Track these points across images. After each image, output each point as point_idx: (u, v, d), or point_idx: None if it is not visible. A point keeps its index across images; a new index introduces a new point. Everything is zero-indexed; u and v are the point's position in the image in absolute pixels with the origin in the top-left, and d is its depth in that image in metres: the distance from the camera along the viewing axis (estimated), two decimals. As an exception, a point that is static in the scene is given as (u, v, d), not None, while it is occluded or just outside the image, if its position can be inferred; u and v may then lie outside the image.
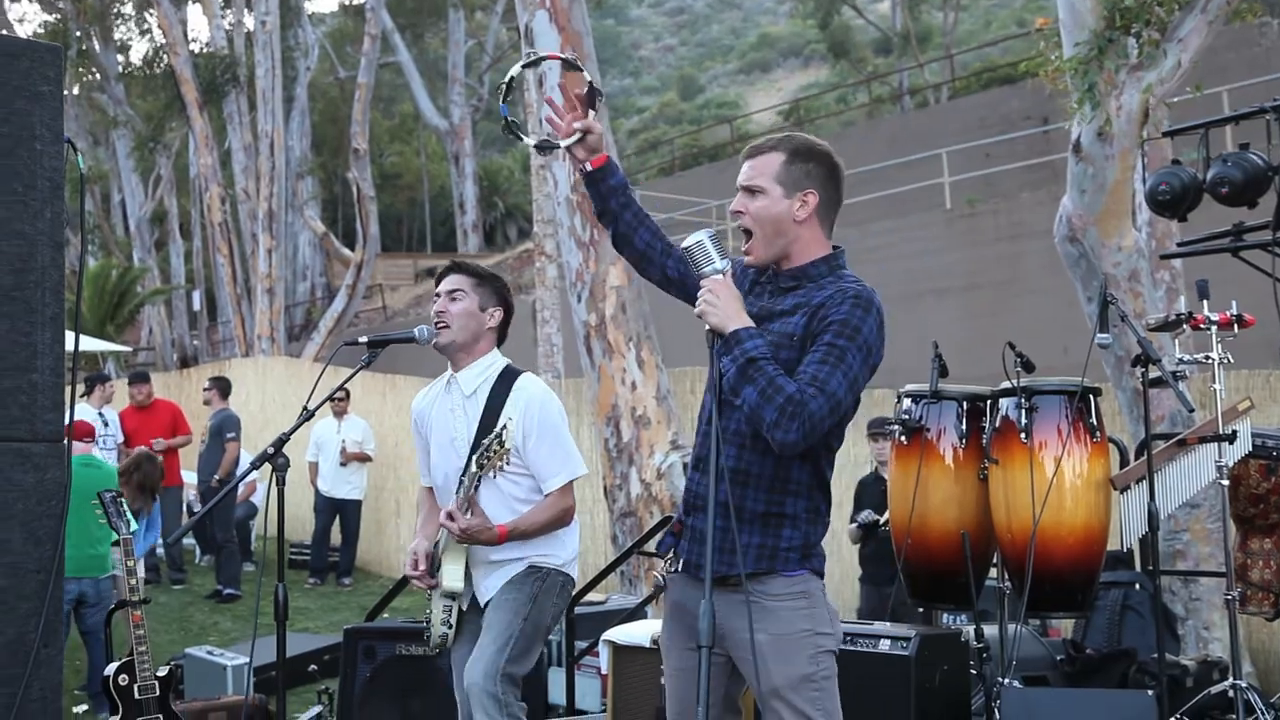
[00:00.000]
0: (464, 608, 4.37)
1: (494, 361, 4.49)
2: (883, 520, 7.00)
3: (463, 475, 4.26)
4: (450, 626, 4.34)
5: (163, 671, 5.82)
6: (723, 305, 3.15)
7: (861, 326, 3.14)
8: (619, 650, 5.93)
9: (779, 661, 3.16)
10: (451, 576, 4.32)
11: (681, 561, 3.32)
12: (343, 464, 12.60)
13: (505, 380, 4.40)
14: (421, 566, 4.39)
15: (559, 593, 4.36)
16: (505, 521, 4.27)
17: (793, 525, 3.21)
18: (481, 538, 4.19)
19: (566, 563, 4.40)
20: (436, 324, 4.45)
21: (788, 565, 3.19)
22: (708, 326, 3.17)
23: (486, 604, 4.35)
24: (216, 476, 11.89)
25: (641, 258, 3.65)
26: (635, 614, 7.09)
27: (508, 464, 4.22)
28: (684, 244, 3.28)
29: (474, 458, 4.22)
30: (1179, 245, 7.35)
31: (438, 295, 4.51)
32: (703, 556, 3.07)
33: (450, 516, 4.18)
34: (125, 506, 6.09)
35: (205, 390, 12.79)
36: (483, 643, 4.23)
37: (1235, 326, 5.19)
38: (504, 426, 4.18)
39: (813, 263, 3.29)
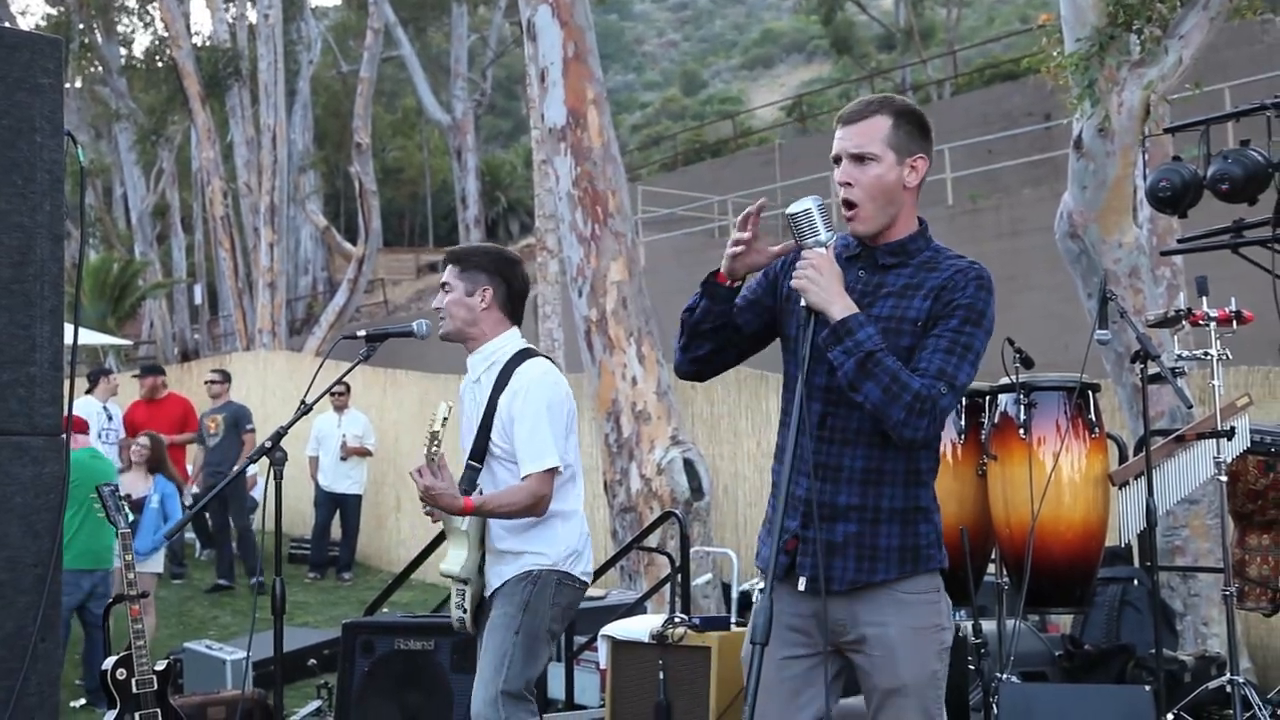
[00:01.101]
0: (482, 594, 4.34)
1: (503, 345, 4.42)
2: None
3: (430, 441, 4.18)
4: (464, 610, 4.33)
5: (161, 666, 5.82)
6: (826, 283, 2.92)
7: (986, 310, 3.00)
8: (618, 645, 5.94)
9: (910, 657, 3.02)
10: (450, 560, 4.31)
11: (804, 580, 3.04)
12: (343, 458, 12.61)
13: (510, 365, 4.36)
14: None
15: (555, 591, 4.29)
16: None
17: (927, 519, 3.08)
18: (442, 502, 4.10)
19: (560, 560, 4.31)
20: (440, 318, 4.48)
21: (930, 563, 3.06)
22: (804, 303, 2.94)
23: (492, 596, 4.33)
24: (235, 468, 11.88)
25: (720, 351, 3.29)
26: (634, 609, 7.10)
27: (438, 449, 4.13)
28: (789, 210, 3.00)
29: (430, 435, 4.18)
30: (1179, 242, 7.34)
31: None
32: (832, 569, 3.00)
33: (419, 472, 4.09)
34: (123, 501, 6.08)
35: (215, 383, 12.74)
36: (480, 667, 4.23)
37: (1234, 323, 5.20)
38: (439, 427, 4.11)
39: (910, 237, 3.10)
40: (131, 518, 6.10)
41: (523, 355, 4.40)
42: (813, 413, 3.03)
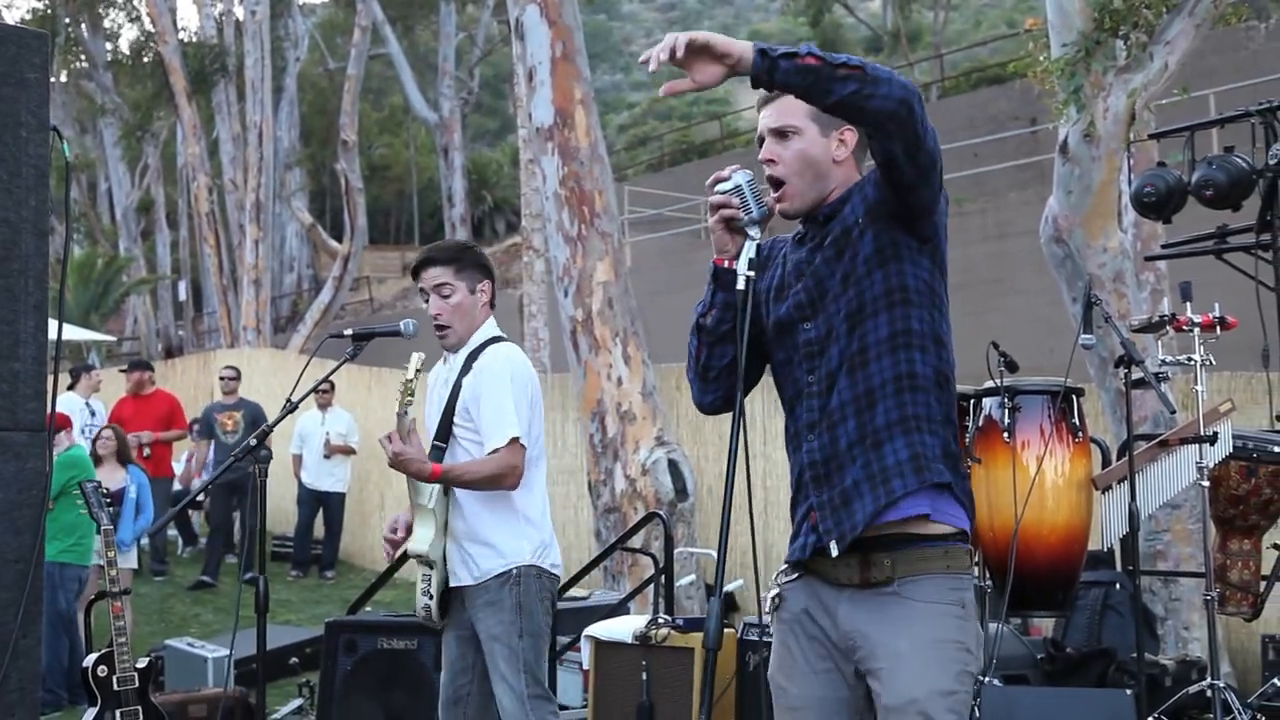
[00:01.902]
0: (444, 579, 4.32)
1: (483, 334, 4.45)
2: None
3: (401, 411, 4.18)
4: (430, 597, 4.29)
5: (142, 663, 5.81)
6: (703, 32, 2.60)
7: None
8: (601, 646, 5.94)
9: (920, 671, 2.73)
10: (417, 540, 4.28)
11: (834, 545, 2.80)
12: (327, 456, 12.59)
13: (478, 350, 4.37)
14: (400, 533, 4.36)
15: (538, 586, 4.31)
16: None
17: (931, 428, 2.80)
18: (411, 468, 4.10)
19: (532, 553, 4.31)
20: (437, 328, 4.40)
21: (935, 475, 2.77)
22: (702, 41, 2.59)
23: (461, 590, 4.32)
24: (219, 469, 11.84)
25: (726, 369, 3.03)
26: (618, 610, 7.09)
27: (410, 400, 4.13)
28: (719, 187, 2.86)
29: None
30: (1163, 247, 7.38)
31: (423, 292, 4.46)
32: (851, 518, 2.76)
33: (388, 438, 4.09)
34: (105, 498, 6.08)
35: (232, 379, 12.68)
36: (495, 680, 4.23)
37: (1218, 328, 5.21)
38: (410, 362, 4.11)
39: (847, 190, 2.90)
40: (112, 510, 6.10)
41: (491, 340, 4.42)
42: (801, 377, 2.90)
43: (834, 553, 2.80)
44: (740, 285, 2.79)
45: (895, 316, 2.81)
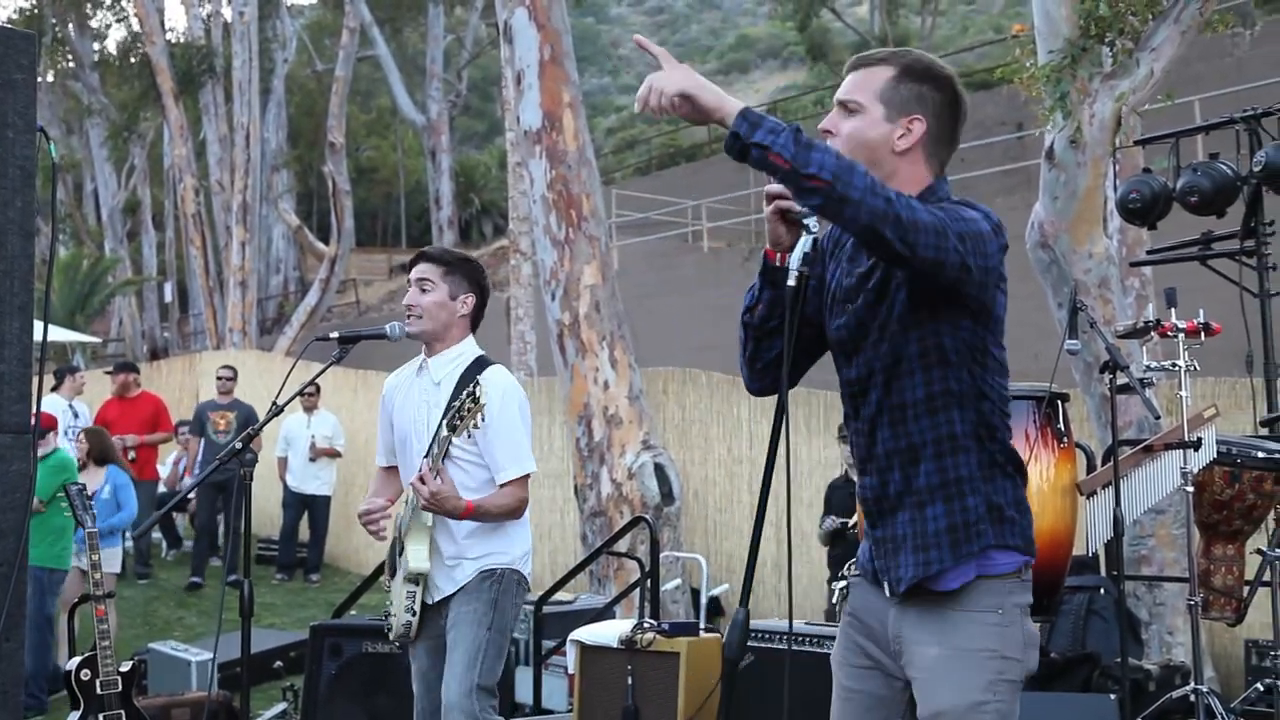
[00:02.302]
0: (427, 600, 4.34)
1: (465, 350, 4.47)
2: (851, 523, 7.03)
3: (432, 442, 4.22)
4: (414, 615, 4.30)
5: (126, 667, 5.79)
6: (705, 81, 2.50)
7: (963, 210, 2.64)
8: (586, 650, 5.94)
9: (950, 680, 2.68)
10: (417, 557, 4.29)
11: (887, 585, 2.79)
12: (312, 459, 12.56)
13: (473, 371, 4.38)
14: (378, 511, 4.37)
15: (516, 592, 4.35)
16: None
17: (974, 489, 2.70)
18: (448, 505, 4.16)
19: (517, 559, 4.38)
20: (407, 315, 4.45)
21: (980, 539, 2.68)
22: (687, 94, 2.49)
23: (440, 602, 4.32)
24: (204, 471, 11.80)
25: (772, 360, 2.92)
26: (603, 614, 7.10)
27: (481, 421, 4.15)
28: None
29: (444, 420, 4.18)
30: (1148, 253, 7.41)
31: (409, 284, 4.49)
32: (897, 569, 2.73)
33: (421, 479, 4.13)
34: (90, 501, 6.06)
35: (229, 379, 12.63)
36: (452, 660, 4.22)
37: (1202, 334, 5.23)
38: (476, 384, 4.13)
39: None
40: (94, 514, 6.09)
41: (484, 361, 4.46)
42: (847, 407, 2.84)
43: (886, 594, 2.79)
44: (791, 282, 2.62)
45: (932, 378, 2.71)
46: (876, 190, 2.46)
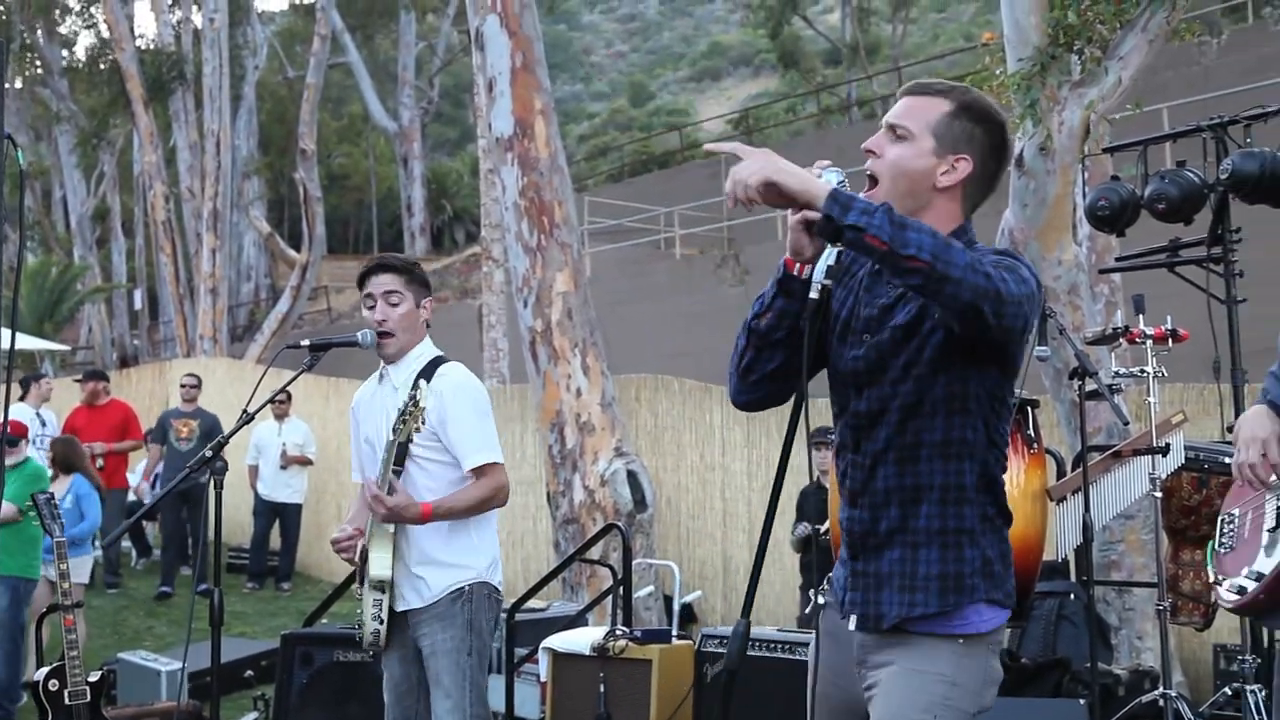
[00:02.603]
0: (395, 607, 4.29)
1: (423, 352, 4.43)
2: (823, 529, 7.05)
3: (384, 451, 4.17)
4: (381, 622, 4.25)
5: (94, 677, 5.76)
6: (786, 164, 2.45)
7: (1020, 269, 2.58)
8: (558, 658, 5.94)
9: (893, 699, 2.67)
10: (379, 565, 4.24)
11: (854, 619, 2.76)
12: (283, 467, 12.51)
13: (428, 371, 4.35)
14: (350, 531, 4.33)
15: (489, 605, 4.31)
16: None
17: (973, 542, 2.68)
18: (407, 515, 4.11)
19: (484, 570, 4.31)
20: (380, 331, 4.38)
21: (973, 594, 2.67)
22: (771, 182, 2.44)
23: (408, 612, 4.29)
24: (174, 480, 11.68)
25: (788, 364, 2.80)
26: (576, 621, 7.09)
27: (423, 424, 4.12)
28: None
29: (392, 426, 4.15)
30: (1117, 260, 7.45)
31: (370, 297, 4.43)
32: (878, 606, 2.69)
33: (375, 498, 4.07)
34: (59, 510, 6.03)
35: (193, 387, 12.53)
36: (438, 694, 4.19)
37: (1170, 341, 5.27)
38: (416, 389, 4.11)
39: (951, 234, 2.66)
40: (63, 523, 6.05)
41: (438, 360, 4.41)
42: (846, 438, 2.78)
43: (851, 627, 2.75)
44: (814, 294, 2.59)
45: (953, 424, 2.68)
46: (976, 267, 2.44)
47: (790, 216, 2.62)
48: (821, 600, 2.91)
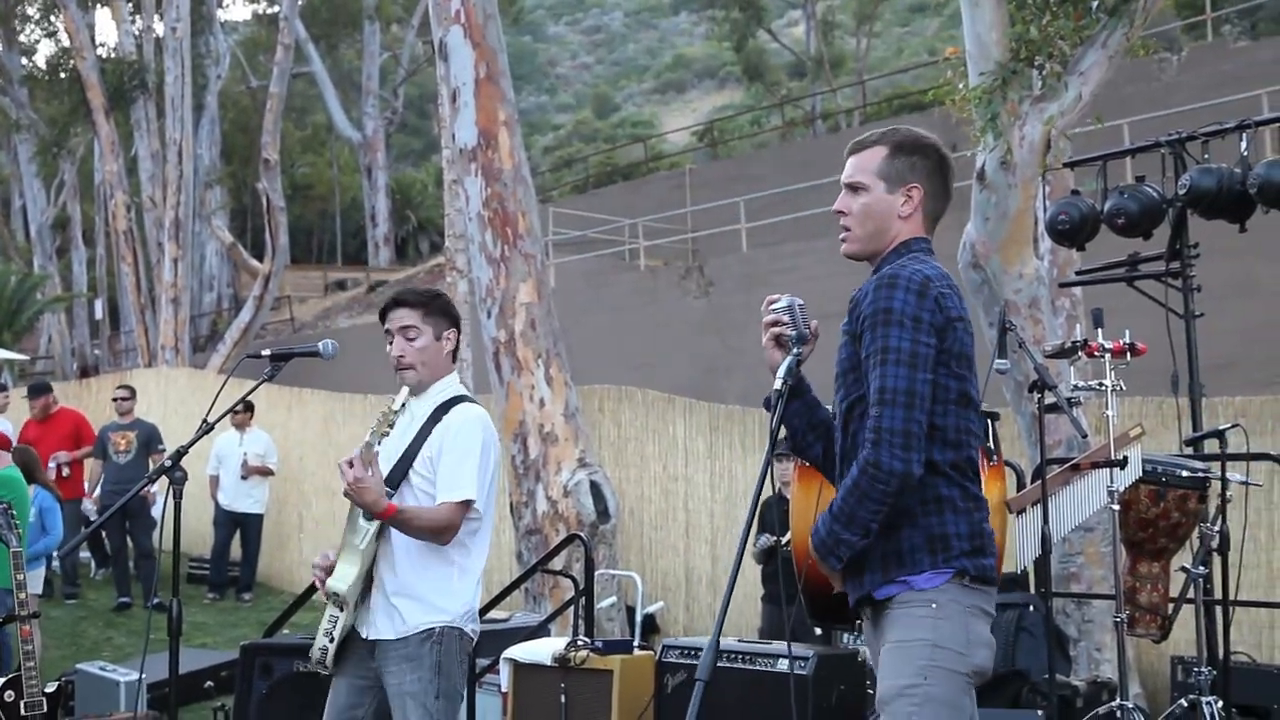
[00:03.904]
0: (350, 625, 4.19)
1: (447, 388, 4.36)
2: (785, 540, 7.07)
3: (369, 436, 4.11)
4: (331, 640, 4.15)
5: (51, 688, 5.70)
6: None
7: (890, 306, 3.00)
8: (520, 668, 5.93)
9: (885, 672, 3.02)
10: (339, 577, 4.15)
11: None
12: (244, 477, 12.44)
13: (448, 404, 4.29)
14: (331, 559, 4.27)
15: (459, 650, 4.21)
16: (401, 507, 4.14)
17: (911, 522, 3.01)
18: (368, 498, 4.00)
19: (460, 616, 4.22)
20: (398, 367, 4.33)
21: (915, 566, 3.01)
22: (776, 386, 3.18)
23: (373, 642, 4.22)
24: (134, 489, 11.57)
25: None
26: (538, 632, 7.08)
27: (391, 429, 4.11)
28: (772, 307, 3.26)
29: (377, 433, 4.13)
30: (1077, 274, 7.52)
31: (388, 332, 4.38)
32: (852, 585, 3.16)
33: (349, 463, 3.99)
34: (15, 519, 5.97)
35: (125, 399, 12.42)
36: None
37: (1128, 355, 5.31)
38: (403, 404, 4.12)
39: (886, 255, 3.18)
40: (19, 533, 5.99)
41: (463, 397, 4.35)
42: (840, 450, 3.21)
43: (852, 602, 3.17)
44: (777, 386, 3.16)
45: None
46: (857, 525, 3.00)
47: (764, 338, 3.24)
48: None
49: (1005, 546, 5.20)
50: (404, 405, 4.15)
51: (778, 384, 3.16)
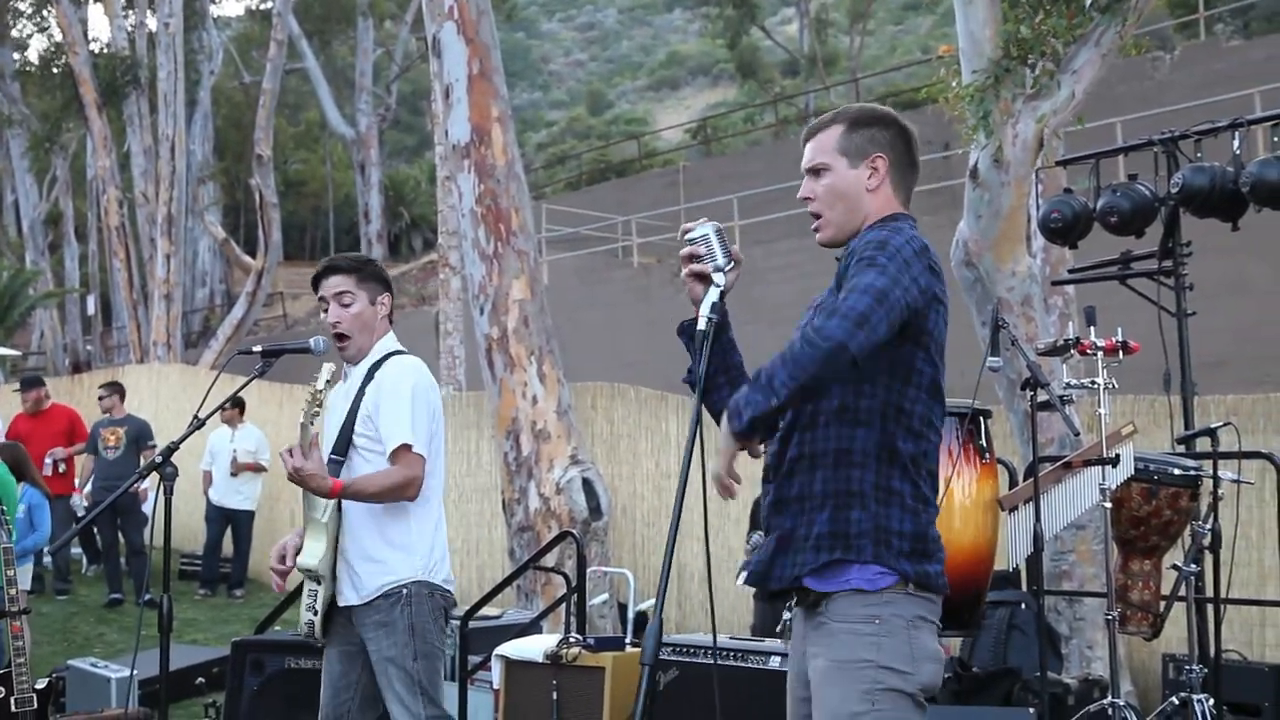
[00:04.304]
0: (330, 595, 4.24)
1: (383, 348, 4.40)
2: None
3: (301, 418, 4.12)
4: (315, 613, 4.22)
5: (42, 684, 5.69)
6: (721, 444, 2.83)
7: (888, 240, 2.83)
8: (512, 665, 5.92)
9: (828, 693, 2.83)
10: (307, 553, 4.21)
11: (743, 575, 3.08)
12: (233, 474, 12.41)
13: (380, 362, 4.34)
14: (288, 562, 4.30)
15: (431, 605, 4.23)
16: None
17: (863, 505, 2.84)
18: (312, 484, 4.03)
19: (422, 568, 4.24)
20: (336, 335, 4.36)
21: (861, 555, 2.83)
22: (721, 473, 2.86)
23: (349, 608, 4.26)
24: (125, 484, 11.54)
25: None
26: (530, 629, 7.07)
27: (320, 408, 4.10)
28: (688, 234, 2.98)
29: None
30: (1070, 272, 7.52)
31: (322, 299, 4.41)
32: (770, 567, 2.93)
33: (290, 452, 4.02)
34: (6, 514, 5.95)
35: (104, 398, 12.39)
36: (390, 699, 4.15)
37: (1121, 353, 5.31)
38: (326, 380, 4.10)
39: (869, 227, 2.98)
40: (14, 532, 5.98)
41: (395, 352, 4.39)
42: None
43: (739, 583, 2.98)
44: (701, 326, 2.88)
45: (846, 390, 2.87)
46: (812, 345, 2.69)
47: (682, 273, 2.99)
48: (788, 616, 3.09)
49: (997, 544, 5.20)
50: (329, 382, 4.15)
51: (702, 322, 2.89)
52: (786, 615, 3.11)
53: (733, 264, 2.96)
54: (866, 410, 2.87)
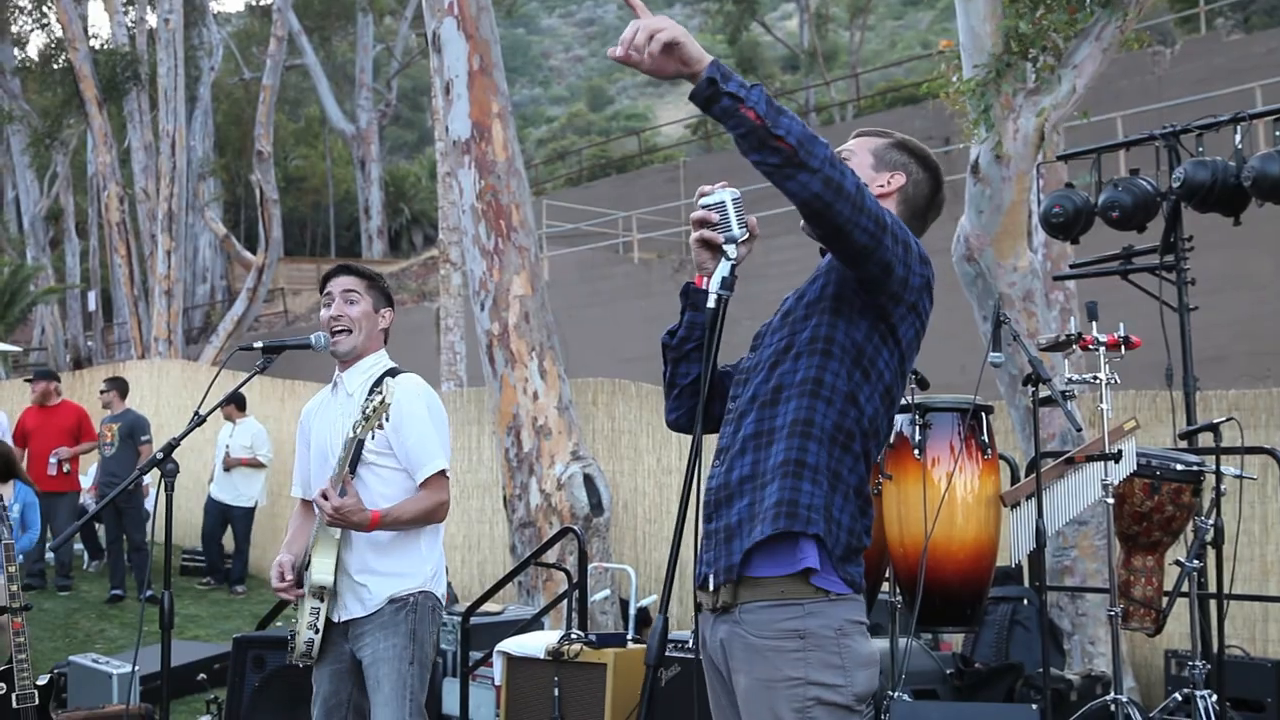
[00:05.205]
0: (333, 617, 4.22)
1: (379, 361, 4.41)
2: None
3: (343, 449, 4.09)
4: (317, 631, 4.17)
5: (43, 680, 5.69)
6: (679, 26, 2.50)
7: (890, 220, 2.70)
8: (513, 661, 5.92)
9: (758, 710, 2.68)
10: (320, 570, 4.17)
11: (700, 575, 2.81)
12: (226, 470, 12.40)
13: (383, 378, 4.30)
14: (288, 578, 4.27)
15: (432, 617, 4.26)
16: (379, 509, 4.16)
17: (814, 478, 2.70)
18: (354, 519, 4.04)
19: (428, 580, 4.26)
20: (334, 329, 4.36)
21: (810, 527, 2.66)
22: (677, 42, 2.49)
23: (346, 623, 4.22)
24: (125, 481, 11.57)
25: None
26: (531, 625, 7.08)
27: (387, 420, 4.06)
28: (702, 201, 2.82)
29: (353, 424, 4.07)
30: (1071, 267, 7.52)
31: (328, 295, 4.41)
32: (730, 556, 2.72)
33: (324, 495, 4.01)
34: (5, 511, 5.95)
35: (104, 393, 12.40)
36: (378, 700, 4.13)
37: (1123, 348, 5.30)
38: (380, 383, 4.09)
39: None
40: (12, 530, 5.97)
41: (395, 371, 4.39)
42: (730, 403, 2.89)
43: (711, 586, 2.78)
44: (711, 304, 2.70)
45: (813, 364, 2.76)
46: (834, 163, 2.55)
47: (691, 237, 2.84)
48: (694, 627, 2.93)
49: (1000, 540, 5.20)
50: (335, 385, 4.16)
51: (711, 299, 2.70)
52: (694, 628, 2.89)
53: (748, 235, 2.80)
54: (830, 387, 2.74)
